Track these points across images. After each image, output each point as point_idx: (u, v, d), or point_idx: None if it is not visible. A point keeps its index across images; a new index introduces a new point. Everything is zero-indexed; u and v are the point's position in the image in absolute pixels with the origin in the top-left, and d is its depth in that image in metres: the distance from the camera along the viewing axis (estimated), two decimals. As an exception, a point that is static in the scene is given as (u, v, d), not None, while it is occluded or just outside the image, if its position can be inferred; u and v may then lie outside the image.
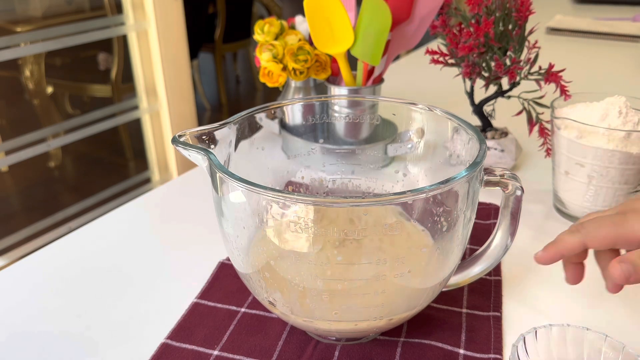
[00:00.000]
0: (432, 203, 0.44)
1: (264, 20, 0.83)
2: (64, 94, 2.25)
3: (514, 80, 0.69)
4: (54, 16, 1.94)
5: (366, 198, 0.39)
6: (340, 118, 0.63)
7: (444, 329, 0.50)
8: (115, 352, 0.49)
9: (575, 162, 0.64)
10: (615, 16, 1.85)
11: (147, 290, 0.57)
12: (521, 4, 0.69)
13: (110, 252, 0.64)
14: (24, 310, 0.54)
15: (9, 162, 1.75)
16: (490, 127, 0.80)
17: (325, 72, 0.82)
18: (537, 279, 0.57)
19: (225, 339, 0.49)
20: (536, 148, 0.80)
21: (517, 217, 0.47)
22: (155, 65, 1.94)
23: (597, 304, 0.54)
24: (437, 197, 0.41)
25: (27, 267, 0.61)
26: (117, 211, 0.73)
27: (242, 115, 0.51)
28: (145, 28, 1.88)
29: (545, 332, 0.42)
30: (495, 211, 0.69)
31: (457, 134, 0.50)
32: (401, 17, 0.75)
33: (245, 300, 0.54)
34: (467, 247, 0.62)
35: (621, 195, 0.63)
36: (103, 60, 2.20)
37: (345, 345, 0.48)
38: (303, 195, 0.38)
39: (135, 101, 2.01)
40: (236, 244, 0.45)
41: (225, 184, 0.42)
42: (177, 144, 0.44)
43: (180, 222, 0.70)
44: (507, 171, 0.45)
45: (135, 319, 0.53)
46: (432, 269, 0.45)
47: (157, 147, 2.07)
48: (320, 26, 0.71)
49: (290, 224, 0.40)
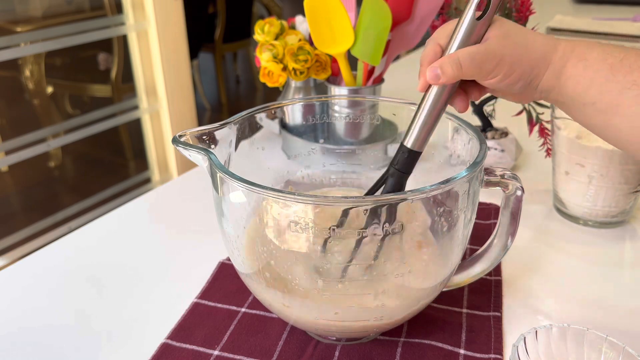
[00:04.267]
0: (433, 203, 0.44)
1: (264, 20, 0.83)
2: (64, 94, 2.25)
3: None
4: (54, 16, 1.94)
5: (366, 198, 0.39)
6: (341, 118, 0.63)
7: (444, 329, 0.50)
8: (115, 352, 0.49)
9: (576, 162, 0.64)
10: (615, 16, 1.85)
11: (147, 290, 0.57)
12: (521, 4, 0.69)
13: (110, 252, 0.64)
14: (23, 310, 0.54)
15: (9, 162, 1.75)
16: (490, 127, 0.80)
17: (326, 72, 0.82)
18: (537, 279, 0.57)
19: (225, 339, 0.49)
20: (536, 148, 0.80)
21: (517, 217, 0.47)
22: (155, 65, 1.94)
23: (597, 304, 0.54)
24: (437, 197, 0.41)
25: (27, 267, 0.61)
26: (117, 211, 0.73)
27: (243, 115, 0.51)
28: (145, 28, 1.88)
29: (546, 332, 0.42)
30: (495, 211, 0.69)
31: (457, 134, 0.50)
32: (401, 17, 0.75)
33: (245, 300, 0.54)
34: (467, 247, 0.62)
35: (621, 195, 0.63)
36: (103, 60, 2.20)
37: (346, 345, 0.48)
38: (303, 195, 0.38)
39: (135, 101, 2.01)
40: (236, 244, 0.45)
41: (225, 184, 0.42)
42: (177, 144, 0.44)
43: (180, 222, 0.70)
44: (507, 171, 0.45)
45: (135, 319, 0.53)
46: (432, 269, 0.45)
47: (157, 147, 2.07)
48: (320, 26, 0.71)
49: (290, 224, 0.40)
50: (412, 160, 0.45)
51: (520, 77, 0.42)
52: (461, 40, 0.42)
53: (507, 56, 0.41)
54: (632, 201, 0.65)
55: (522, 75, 0.42)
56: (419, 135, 0.44)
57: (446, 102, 0.44)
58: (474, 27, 0.41)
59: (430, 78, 0.42)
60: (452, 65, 0.41)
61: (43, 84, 2.06)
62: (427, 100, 0.44)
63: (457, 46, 0.42)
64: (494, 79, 0.42)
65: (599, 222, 0.66)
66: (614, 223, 0.66)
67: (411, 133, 0.45)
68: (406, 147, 0.45)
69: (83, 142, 1.91)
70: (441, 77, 0.42)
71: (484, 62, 0.41)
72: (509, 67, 0.42)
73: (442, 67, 0.42)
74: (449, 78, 0.42)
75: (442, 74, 0.42)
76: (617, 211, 0.65)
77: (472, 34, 0.42)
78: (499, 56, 0.41)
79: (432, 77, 0.42)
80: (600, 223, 0.66)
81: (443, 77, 0.42)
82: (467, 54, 0.41)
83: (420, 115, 0.44)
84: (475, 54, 0.41)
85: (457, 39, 0.42)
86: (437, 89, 0.43)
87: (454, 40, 0.42)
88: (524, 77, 0.42)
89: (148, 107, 2.00)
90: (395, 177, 0.46)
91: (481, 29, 0.42)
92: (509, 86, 0.43)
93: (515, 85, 0.43)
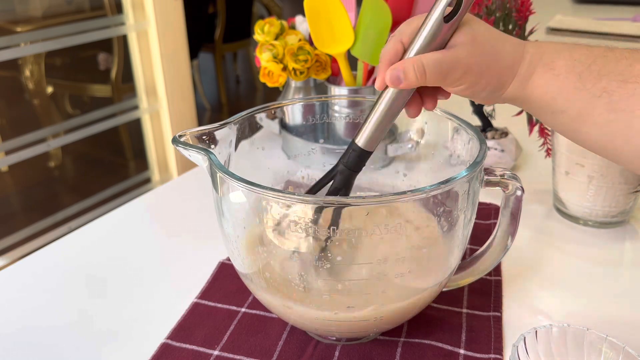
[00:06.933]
0: (433, 203, 0.44)
1: (264, 20, 0.83)
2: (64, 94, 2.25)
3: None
4: (54, 16, 1.94)
5: (366, 198, 0.39)
6: (341, 118, 0.63)
7: (444, 329, 0.50)
8: (115, 351, 0.49)
9: (576, 162, 0.64)
10: (615, 16, 1.85)
11: (147, 290, 0.57)
12: (521, 4, 0.69)
13: (110, 252, 0.64)
14: (23, 310, 0.54)
15: (9, 162, 1.75)
16: (490, 127, 0.80)
17: (326, 72, 0.82)
18: (537, 279, 0.57)
19: (225, 339, 0.49)
20: (536, 148, 0.80)
21: (517, 217, 0.47)
22: (155, 65, 1.94)
23: (597, 304, 0.54)
24: (437, 197, 0.41)
25: (27, 267, 0.61)
26: (117, 211, 0.73)
27: (243, 115, 0.51)
28: (145, 28, 1.88)
29: (546, 332, 0.42)
30: (495, 211, 0.69)
31: (457, 134, 0.50)
32: (401, 17, 0.75)
33: (245, 300, 0.54)
34: (467, 247, 0.62)
35: (621, 195, 0.63)
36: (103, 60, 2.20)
37: (345, 345, 0.48)
38: (303, 195, 0.38)
39: (135, 101, 2.01)
40: (236, 244, 0.45)
41: (225, 184, 0.42)
42: (177, 144, 0.44)
43: (180, 222, 0.70)
44: (507, 171, 0.45)
45: (135, 319, 0.53)
46: (432, 269, 0.45)
47: (157, 147, 2.07)
48: (320, 26, 0.71)
49: (290, 224, 0.40)
50: (362, 159, 0.44)
51: (485, 87, 0.41)
52: (425, 41, 0.40)
53: (475, 65, 0.40)
54: (632, 201, 0.65)
55: (488, 84, 0.41)
56: (371, 135, 0.43)
57: (402, 105, 0.43)
58: (440, 29, 0.39)
59: (391, 81, 0.40)
60: (416, 72, 0.39)
61: (43, 84, 2.06)
62: (383, 100, 0.42)
63: (419, 47, 0.40)
64: (458, 88, 0.41)
65: (599, 222, 0.66)
66: (614, 223, 0.66)
67: (364, 132, 0.43)
68: (357, 145, 0.44)
69: (83, 142, 1.91)
70: (402, 81, 0.40)
71: (450, 72, 0.40)
72: (475, 77, 0.40)
73: (405, 72, 0.39)
74: (411, 84, 0.40)
75: (404, 79, 0.40)
76: (617, 211, 0.65)
77: (438, 36, 0.39)
78: (466, 65, 0.40)
79: (393, 80, 0.40)
80: (600, 223, 0.66)
81: (404, 82, 0.40)
82: (432, 61, 0.39)
83: (374, 114, 0.43)
84: (441, 61, 0.39)
85: (420, 39, 0.40)
86: (395, 91, 0.42)
87: (417, 40, 0.40)
88: (490, 86, 0.41)
89: (148, 107, 2.00)
90: (344, 174, 0.45)
91: (448, 31, 0.40)
92: (473, 94, 0.42)
93: (480, 94, 0.42)
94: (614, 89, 0.38)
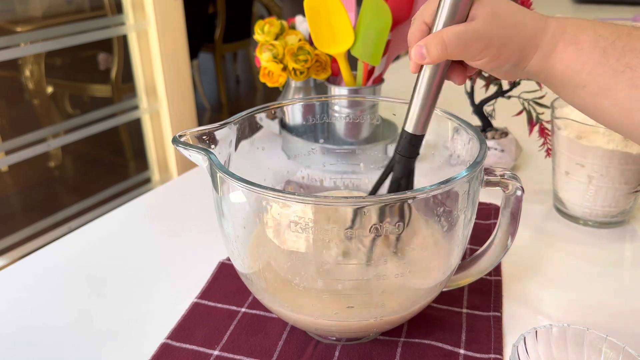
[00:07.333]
0: (433, 203, 0.44)
1: (264, 20, 0.83)
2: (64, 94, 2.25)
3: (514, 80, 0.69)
4: (54, 16, 1.94)
5: (366, 198, 0.39)
6: (341, 118, 0.63)
7: (444, 329, 0.50)
8: (115, 351, 0.49)
9: (576, 162, 0.64)
10: (615, 16, 1.85)
11: (147, 290, 0.57)
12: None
13: (110, 252, 0.64)
14: (23, 310, 0.54)
15: (9, 162, 1.75)
16: (490, 127, 0.80)
17: (326, 72, 0.82)
18: (537, 279, 0.57)
19: (225, 339, 0.49)
20: (536, 148, 0.80)
21: (517, 217, 0.47)
22: (155, 65, 1.94)
23: (597, 304, 0.54)
24: (437, 197, 0.41)
25: (27, 267, 0.61)
26: (117, 211, 0.73)
27: (243, 115, 0.51)
28: (145, 28, 1.88)
29: (546, 332, 0.42)
30: (495, 211, 0.69)
31: (457, 134, 0.50)
32: (401, 17, 0.75)
33: (245, 300, 0.54)
34: (467, 247, 0.62)
35: (621, 195, 0.63)
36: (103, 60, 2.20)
37: (346, 345, 0.48)
38: (303, 195, 0.38)
39: (135, 101, 2.01)
40: (236, 244, 0.45)
41: (225, 184, 0.42)
42: (177, 144, 0.44)
43: (180, 222, 0.70)
44: (507, 171, 0.45)
45: (135, 319, 0.53)
46: (432, 269, 0.45)
47: (157, 147, 2.07)
48: (320, 26, 0.71)
49: (290, 224, 0.40)
50: (414, 145, 0.44)
51: (508, 60, 0.41)
52: (446, 16, 0.40)
53: (496, 38, 0.40)
54: (632, 201, 0.65)
55: (510, 57, 0.41)
56: (418, 118, 0.43)
57: (441, 81, 0.43)
58: (458, 3, 0.40)
59: (416, 57, 0.41)
60: (437, 46, 0.40)
61: (43, 84, 2.06)
62: (421, 81, 0.43)
63: (442, 23, 0.40)
64: (480, 61, 0.41)
65: (599, 222, 0.66)
66: (614, 223, 0.66)
67: (410, 117, 0.44)
68: (407, 132, 0.44)
69: (83, 142, 1.91)
70: (426, 57, 0.40)
71: (471, 44, 0.40)
72: (497, 50, 0.40)
73: (427, 47, 0.40)
74: (434, 58, 0.40)
75: (427, 54, 0.40)
76: (617, 211, 0.65)
77: (457, 11, 0.40)
78: (487, 38, 0.40)
79: (418, 56, 0.41)
80: (600, 223, 0.66)
81: (428, 57, 0.40)
82: (452, 35, 0.39)
83: (416, 97, 0.43)
84: (462, 34, 0.39)
85: (442, 16, 0.40)
86: (430, 69, 0.42)
87: (439, 17, 0.40)
88: (512, 59, 0.41)
89: (148, 107, 2.00)
90: (401, 162, 0.45)
91: (466, 5, 0.40)
92: (496, 68, 0.42)
93: (502, 67, 0.42)
94: (638, 64, 0.38)
